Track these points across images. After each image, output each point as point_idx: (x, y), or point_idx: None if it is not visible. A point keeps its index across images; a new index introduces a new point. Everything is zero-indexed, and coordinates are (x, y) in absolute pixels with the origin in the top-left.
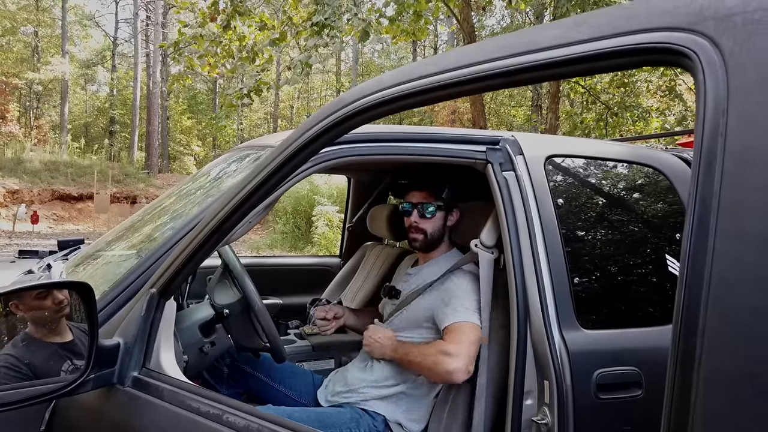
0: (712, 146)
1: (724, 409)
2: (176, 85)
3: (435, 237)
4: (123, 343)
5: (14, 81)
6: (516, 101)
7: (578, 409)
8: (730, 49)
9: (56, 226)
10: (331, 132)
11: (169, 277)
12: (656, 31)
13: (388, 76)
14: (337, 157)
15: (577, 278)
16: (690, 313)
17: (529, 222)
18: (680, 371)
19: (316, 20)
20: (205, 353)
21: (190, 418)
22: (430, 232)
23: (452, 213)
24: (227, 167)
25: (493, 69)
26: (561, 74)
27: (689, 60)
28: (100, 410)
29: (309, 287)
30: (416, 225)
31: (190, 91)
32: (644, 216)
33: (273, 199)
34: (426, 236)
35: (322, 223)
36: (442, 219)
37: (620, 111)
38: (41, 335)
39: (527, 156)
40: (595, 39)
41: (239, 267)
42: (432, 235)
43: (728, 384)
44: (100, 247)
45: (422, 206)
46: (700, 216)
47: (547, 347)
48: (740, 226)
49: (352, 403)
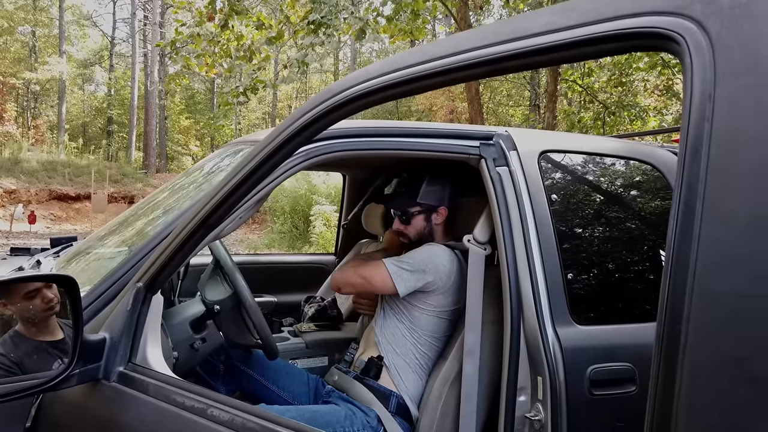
0: (698, 131)
1: (708, 396)
2: (173, 85)
3: (421, 237)
4: (109, 338)
5: (11, 81)
6: (514, 100)
7: (572, 405)
8: (717, 33)
9: (53, 226)
10: (319, 122)
11: (156, 271)
12: (643, 15)
13: (375, 67)
14: (329, 152)
15: (570, 274)
16: (675, 301)
17: (522, 217)
18: (665, 360)
19: (312, 19)
20: (196, 350)
21: (174, 413)
22: (413, 235)
23: (437, 211)
24: (220, 162)
25: (480, 57)
26: (548, 61)
27: (676, 44)
28: (85, 405)
29: (304, 285)
30: (399, 230)
31: (188, 90)
32: (638, 212)
33: (264, 194)
34: (411, 239)
35: (320, 223)
36: (424, 220)
37: (618, 110)
38: (30, 333)
39: (521, 151)
40: (583, 25)
41: (230, 263)
42: (417, 237)
43: (713, 371)
44: (92, 244)
45: (400, 213)
46: (686, 202)
47: (540, 343)
48: (726, 211)
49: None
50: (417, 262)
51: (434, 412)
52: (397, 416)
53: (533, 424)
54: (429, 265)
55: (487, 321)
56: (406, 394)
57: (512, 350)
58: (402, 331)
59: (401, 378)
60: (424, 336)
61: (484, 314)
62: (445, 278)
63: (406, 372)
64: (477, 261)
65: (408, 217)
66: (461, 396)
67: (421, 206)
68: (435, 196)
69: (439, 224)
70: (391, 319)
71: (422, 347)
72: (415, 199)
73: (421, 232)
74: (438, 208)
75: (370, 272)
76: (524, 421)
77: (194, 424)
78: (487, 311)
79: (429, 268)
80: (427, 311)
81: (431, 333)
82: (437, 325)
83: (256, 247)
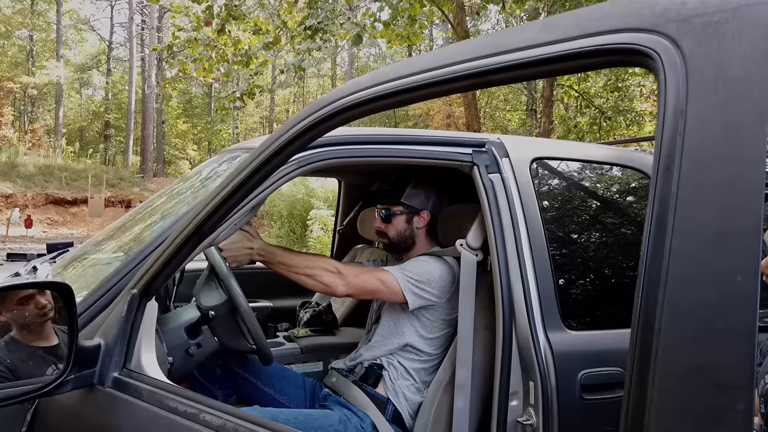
0: (671, 146)
1: (677, 402)
2: (169, 89)
3: (401, 238)
4: (104, 344)
5: (9, 85)
6: (511, 105)
7: (563, 409)
8: (690, 50)
9: (50, 230)
10: (310, 132)
11: (150, 278)
12: (621, 32)
13: (365, 78)
14: (324, 159)
15: (562, 280)
16: (648, 312)
17: (514, 224)
18: (637, 368)
19: (309, 24)
20: (191, 355)
21: (167, 418)
22: (392, 235)
23: (419, 214)
24: (217, 167)
25: (466, 70)
26: (531, 75)
27: (652, 60)
28: (80, 411)
29: (299, 290)
30: (379, 229)
31: (186, 95)
32: (629, 218)
33: (259, 201)
34: (389, 239)
35: (318, 227)
36: (405, 222)
37: (614, 115)
38: (25, 339)
39: (513, 158)
40: (564, 40)
41: (225, 269)
42: (396, 238)
43: (682, 378)
44: (88, 250)
45: (381, 211)
46: (659, 215)
47: (532, 348)
48: (696, 224)
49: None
50: (418, 271)
51: (428, 416)
52: (393, 424)
53: (525, 428)
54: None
55: (480, 326)
56: (404, 402)
57: (504, 355)
58: (401, 341)
59: (399, 387)
60: (424, 347)
61: (476, 319)
62: (446, 293)
63: (404, 381)
64: (469, 267)
65: (389, 215)
66: (454, 401)
67: (404, 206)
68: (419, 200)
69: (421, 228)
70: (391, 328)
71: (421, 357)
72: (399, 199)
73: (402, 233)
74: (420, 211)
75: (385, 277)
76: (516, 426)
77: (186, 429)
78: (479, 317)
79: (433, 283)
80: (425, 323)
81: (430, 344)
82: (436, 336)
83: None
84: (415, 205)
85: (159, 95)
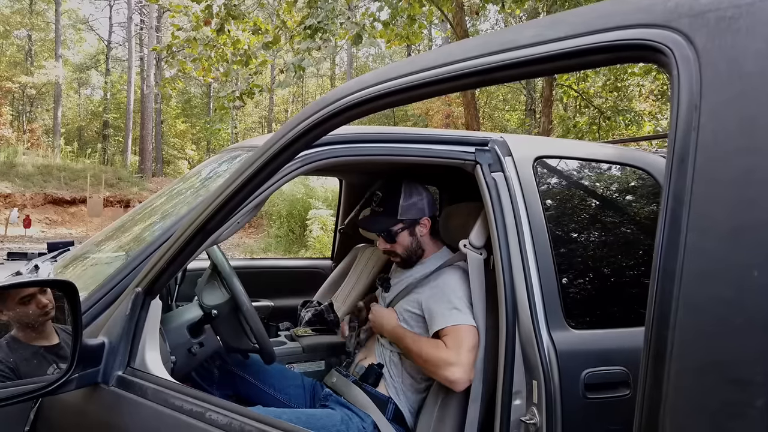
0: (685, 141)
1: (692, 399)
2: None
3: (410, 252)
4: (108, 343)
5: (7, 84)
6: (510, 105)
7: (566, 408)
8: (703, 45)
9: (49, 230)
10: (314, 131)
11: (155, 276)
12: (632, 28)
13: (369, 76)
14: (326, 157)
15: (565, 278)
16: (662, 307)
17: (517, 222)
18: (652, 364)
19: (308, 23)
20: (194, 354)
21: (173, 417)
22: (401, 252)
23: (419, 223)
24: (218, 167)
25: (469, 67)
26: (537, 72)
27: (664, 56)
28: (84, 409)
29: (300, 289)
30: (387, 250)
31: (185, 94)
32: (632, 217)
33: (261, 199)
34: (400, 256)
35: (317, 227)
36: (409, 235)
37: (613, 115)
38: (26, 338)
39: (516, 157)
40: (571, 37)
41: (228, 268)
42: (406, 253)
43: (697, 374)
44: (89, 249)
45: (383, 234)
46: (673, 210)
47: (535, 347)
48: (710, 220)
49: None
50: (465, 297)
51: (431, 416)
52: (394, 423)
53: (528, 427)
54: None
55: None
56: (404, 402)
57: (507, 354)
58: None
59: (400, 386)
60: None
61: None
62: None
63: (405, 381)
64: (476, 266)
65: (392, 236)
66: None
67: (404, 222)
68: (415, 210)
69: (425, 235)
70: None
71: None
72: (396, 217)
73: (409, 247)
74: (420, 219)
75: (469, 343)
76: (519, 425)
77: (192, 427)
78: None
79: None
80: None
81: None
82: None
83: (252, 251)
84: (413, 216)
85: (158, 95)
